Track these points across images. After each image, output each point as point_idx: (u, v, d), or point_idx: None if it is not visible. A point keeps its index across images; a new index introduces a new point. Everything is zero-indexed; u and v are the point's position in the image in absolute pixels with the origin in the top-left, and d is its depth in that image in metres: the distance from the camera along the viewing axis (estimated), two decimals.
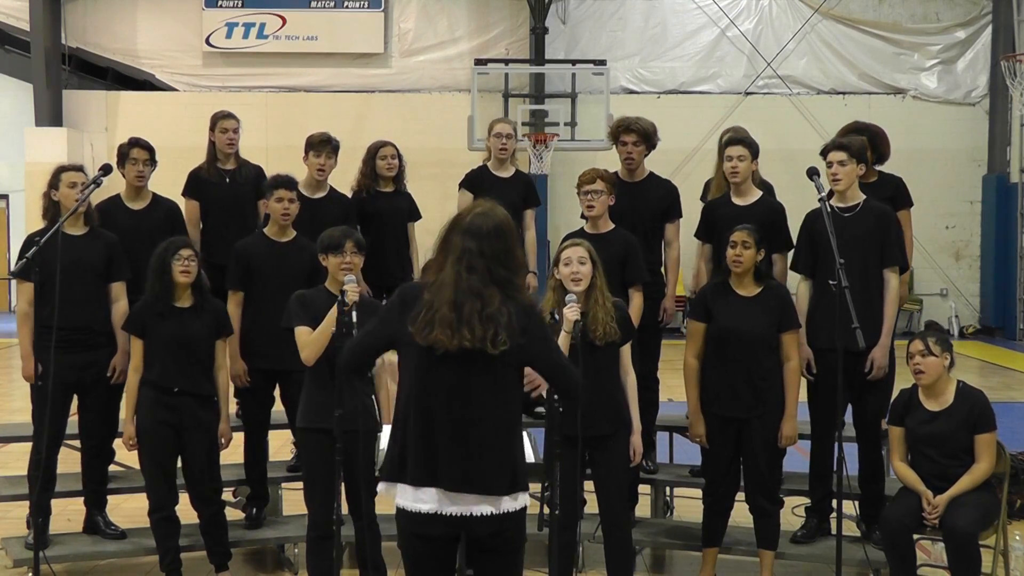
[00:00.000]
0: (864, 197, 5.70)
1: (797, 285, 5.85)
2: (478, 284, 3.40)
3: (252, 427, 6.05)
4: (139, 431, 5.41)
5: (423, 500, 3.42)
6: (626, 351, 5.15)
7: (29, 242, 5.51)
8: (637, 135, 6.25)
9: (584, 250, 4.99)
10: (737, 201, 5.99)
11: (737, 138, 6.01)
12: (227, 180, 6.71)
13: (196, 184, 6.74)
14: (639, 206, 6.15)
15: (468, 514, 3.40)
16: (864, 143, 5.81)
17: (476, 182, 6.85)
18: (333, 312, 4.71)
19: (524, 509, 3.52)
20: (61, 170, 5.76)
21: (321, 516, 4.96)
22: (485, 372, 3.41)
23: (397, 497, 3.48)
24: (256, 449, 6.04)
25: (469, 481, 3.40)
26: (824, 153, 5.72)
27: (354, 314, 4.56)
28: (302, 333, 4.97)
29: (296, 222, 6.00)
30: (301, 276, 5.69)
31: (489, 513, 3.41)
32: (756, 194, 6.01)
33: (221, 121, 6.72)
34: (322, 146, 6.53)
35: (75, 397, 5.80)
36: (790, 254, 6.01)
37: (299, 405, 5.13)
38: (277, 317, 5.44)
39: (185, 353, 5.39)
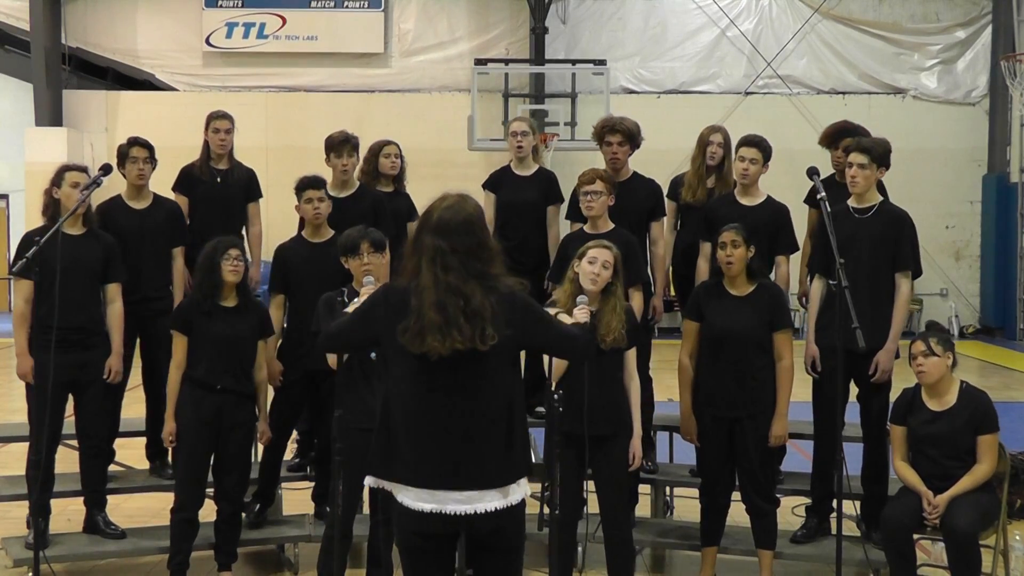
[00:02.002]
0: (881, 199, 5.61)
1: (811, 283, 5.83)
2: (456, 282, 3.35)
3: (278, 427, 6.01)
4: (180, 429, 5.43)
5: (424, 499, 3.37)
6: (631, 356, 5.14)
7: (28, 240, 5.49)
8: (622, 135, 6.29)
9: (612, 256, 5.00)
10: (743, 201, 5.99)
11: (752, 140, 5.98)
12: (218, 180, 6.69)
13: (187, 180, 6.72)
14: (625, 206, 6.12)
15: (472, 512, 3.36)
16: (888, 146, 5.62)
17: (498, 182, 6.88)
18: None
19: (523, 503, 3.49)
20: (65, 169, 5.76)
21: (345, 514, 4.98)
22: (479, 367, 3.37)
23: (396, 494, 3.44)
24: (276, 448, 6.03)
25: (479, 477, 3.36)
26: (847, 151, 5.64)
27: None
28: None
29: (328, 222, 6.00)
30: (339, 275, 5.70)
31: (494, 509, 3.37)
32: (762, 195, 6.01)
33: (214, 121, 6.71)
34: (342, 146, 6.53)
35: (70, 397, 5.78)
36: (794, 256, 6.01)
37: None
38: None
39: (230, 352, 5.42)
